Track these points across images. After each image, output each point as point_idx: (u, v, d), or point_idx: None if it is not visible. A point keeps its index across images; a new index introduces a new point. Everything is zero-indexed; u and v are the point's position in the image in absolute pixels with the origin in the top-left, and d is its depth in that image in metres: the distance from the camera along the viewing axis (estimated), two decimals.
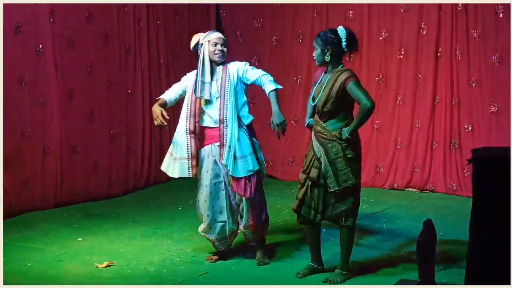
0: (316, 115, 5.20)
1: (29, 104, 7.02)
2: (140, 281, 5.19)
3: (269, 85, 5.49)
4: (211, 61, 5.53)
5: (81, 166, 7.57)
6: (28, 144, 7.03)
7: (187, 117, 5.52)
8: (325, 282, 5.15)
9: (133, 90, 8.12)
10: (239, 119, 5.50)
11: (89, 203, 7.50)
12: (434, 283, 4.49)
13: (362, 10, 8.34)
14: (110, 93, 7.87)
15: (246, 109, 5.59)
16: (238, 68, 5.56)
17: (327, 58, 5.07)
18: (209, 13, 9.13)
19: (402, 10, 8.15)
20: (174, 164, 5.54)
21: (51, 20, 7.14)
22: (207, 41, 5.53)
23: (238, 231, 5.70)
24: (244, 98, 5.59)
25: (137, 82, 8.17)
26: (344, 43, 5.07)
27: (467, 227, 3.84)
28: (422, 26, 8.07)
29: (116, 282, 5.16)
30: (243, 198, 5.49)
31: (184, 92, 5.63)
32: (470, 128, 7.87)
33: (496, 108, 7.68)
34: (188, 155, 5.51)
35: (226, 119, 5.46)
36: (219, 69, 5.55)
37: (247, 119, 5.57)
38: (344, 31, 5.09)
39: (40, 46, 7.07)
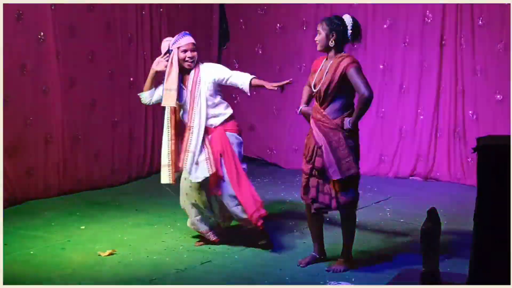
0: (315, 103, 5.16)
1: (31, 92, 7.00)
2: (143, 270, 5.17)
3: (244, 76, 5.50)
4: (181, 68, 5.52)
5: (84, 154, 7.55)
6: (30, 132, 7.01)
7: (167, 124, 5.58)
8: (328, 270, 5.14)
9: (135, 78, 8.09)
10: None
11: (92, 191, 7.49)
12: (438, 272, 4.46)
13: None
14: (112, 81, 7.84)
15: (222, 107, 5.61)
16: (211, 71, 5.55)
17: (331, 43, 5.03)
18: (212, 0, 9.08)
19: None
20: (162, 171, 5.64)
21: (53, 7, 7.11)
22: (177, 48, 5.51)
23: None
24: (218, 98, 5.59)
25: (139, 70, 8.14)
26: (349, 31, 5.04)
27: (471, 215, 3.81)
28: (427, 14, 8.03)
29: (118, 270, 5.15)
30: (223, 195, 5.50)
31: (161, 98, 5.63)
32: (474, 117, 7.84)
33: (501, 97, 7.65)
34: (169, 162, 5.59)
35: (192, 126, 5.49)
36: (192, 73, 5.54)
37: (222, 117, 5.58)
38: (351, 20, 5.06)
39: (42, 33, 7.04)
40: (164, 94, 5.50)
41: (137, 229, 6.17)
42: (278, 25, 8.89)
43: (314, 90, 5.11)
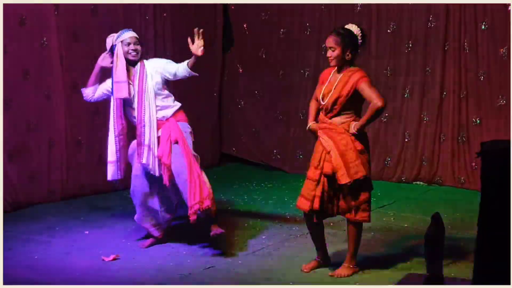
0: (321, 114, 5.15)
1: (34, 97, 7.02)
2: (146, 274, 5.17)
3: (183, 65, 5.64)
4: (127, 61, 5.64)
5: (87, 159, 7.55)
6: (33, 137, 7.03)
7: (114, 120, 5.68)
8: (332, 275, 5.13)
9: None
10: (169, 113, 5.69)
11: (96, 196, 7.49)
12: (442, 277, 4.46)
13: (370, 2, 8.28)
14: None
15: (170, 99, 5.73)
16: (156, 65, 5.69)
17: (348, 57, 5.01)
18: (216, 5, 9.08)
19: (410, 2, 8.09)
20: (108, 167, 5.74)
21: (56, 12, 7.12)
22: (120, 42, 5.63)
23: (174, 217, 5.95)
24: (166, 91, 5.72)
25: None
26: (360, 41, 5.04)
27: (475, 220, 3.80)
28: (430, 18, 8.02)
29: (122, 275, 5.15)
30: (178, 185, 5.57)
31: (108, 94, 5.76)
32: (478, 121, 7.83)
33: (504, 101, 7.63)
34: (117, 158, 5.70)
35: (143, 119, 5.57)
36: (137, 67, 5.65)
37: (172, 108, 5.69)
38: (358, 29, 5.06)
39: (45, 38, 7.05)
40: (114, 88, 5.61)
41: (140, 234, 6.16)
42: (281, 29, 8.89)
43: (323, 103, 5.09)
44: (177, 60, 8.62)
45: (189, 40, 5.56)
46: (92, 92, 5.81)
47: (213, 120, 9.26)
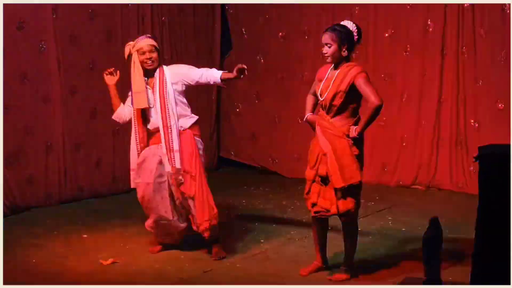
0: (322, 110, 5.15)
1: (32, 101, 7.02)
2: (144, 278, 5.17)
3: (215, 73, 5.57)
4: (145, 70, 5.57)
5: (85, 163, 7.55)
6: (31, 141, 7.03)
7: (135, 128, 5.62)
8: (330, 279, 5.13)
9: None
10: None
11: (94, 200, 7.49)
12: (440, 281, 4.46)
13: (368, 7, 8.29)
14: None
15: (188, 109, 5.67)
16: (178, 71, 5.62)
17: (344, 53, 5.02)
18: (214, 9, 9.09)
19: (408, 7, 8.11)
20: (131, 175, 5.69)
21: (54, 16, 7.13)
22: (136, 51, 5.56)
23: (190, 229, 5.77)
24: (185, 100, 5.65)
25: None
26: (356, 36, 5.05)
27: (473, 224, 3.82)
28: (428, 23, 8.03)
29: (120, 279, 5.14)
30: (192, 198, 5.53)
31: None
32: (476, 125, 7.84)
33: (502, 105, 7.64)
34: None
35: (170, 124, 5.50)
36: (156, 74, 5.58)
37: (190, 119, 5.64)
38: (353, 24, 5.07)
39: (43, 42, 7.06)
40: (134, 98, 5.56)
41: (139, 237, 6.16)
42: (280, 33, 8.90)
43: (321, 99, 5.09)
44: (175, 63, 8.64)
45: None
46: (123, 114, 5.71)
47: (211, 124, 9.26)
